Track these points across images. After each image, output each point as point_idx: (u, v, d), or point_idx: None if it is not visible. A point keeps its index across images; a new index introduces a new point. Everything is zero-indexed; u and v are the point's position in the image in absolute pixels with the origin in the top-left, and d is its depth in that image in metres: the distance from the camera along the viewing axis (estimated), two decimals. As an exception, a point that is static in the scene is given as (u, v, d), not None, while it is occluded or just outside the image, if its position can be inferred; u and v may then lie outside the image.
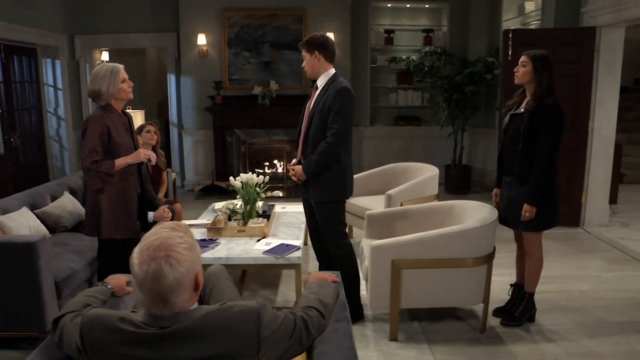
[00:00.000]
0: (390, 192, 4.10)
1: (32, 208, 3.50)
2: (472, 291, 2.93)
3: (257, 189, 3.49)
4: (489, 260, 2.92)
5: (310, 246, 3.79)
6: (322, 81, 2.99)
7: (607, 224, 5.08)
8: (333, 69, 3.01)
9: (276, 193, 3.85)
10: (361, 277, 3.14)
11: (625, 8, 4.28)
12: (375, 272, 2.85)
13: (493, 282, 3.05)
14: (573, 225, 5.00)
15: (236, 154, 6.95)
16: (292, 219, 3.79)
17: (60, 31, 6.44)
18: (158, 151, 4.28)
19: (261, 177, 3.54)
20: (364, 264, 3.09)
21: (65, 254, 3.10)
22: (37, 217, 3.44)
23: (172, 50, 6.88)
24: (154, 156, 2.98)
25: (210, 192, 6.59)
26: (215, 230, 3.35)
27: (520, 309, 3.10)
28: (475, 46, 6.83)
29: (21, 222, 3.15)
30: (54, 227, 3.57)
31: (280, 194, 3.87)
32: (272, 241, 3.21)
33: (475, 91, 6.27)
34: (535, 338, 2.96)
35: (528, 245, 3.05)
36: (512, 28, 5.62)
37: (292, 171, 3.06)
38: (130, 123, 2.94)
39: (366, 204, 4.30)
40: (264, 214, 3.67)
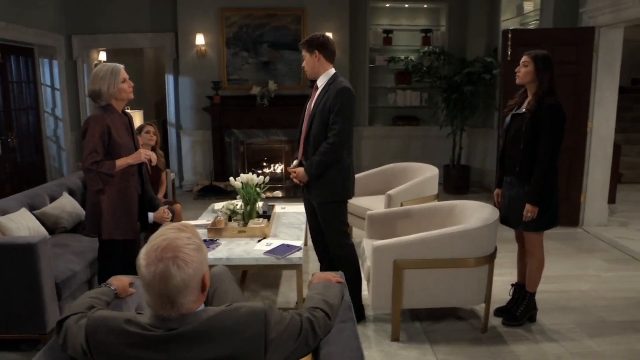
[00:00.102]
0: (391, 192, 4.10)
1: (31, 209, 3.48)
2: (473, 291, 2.93)
3: (257, 189, 3.47)
4: (490, 260, 2.93)
5: (310, 247, 3.79)
6: (322, 81, 2.98)
7: (606, 223, 5.10)
8: (333, 69, 3.00)
9: (276, 193, 3.84)
10: (363, 278, 3.14)
11: (624, 8, 4.29)
12: (377, 273, 2.85)
13: (494, 282, 3.05)
14: (572, 225, 5.01)
15: (235, 154, 6.94)
16: (292, 219, 3.78)
17: (58, 31, 6.41)
18: (157, 152, 4.26)
19: (261, 177, 3.53)
20: (366, 264, 3.09)
21: (65, 255, 3.08)
22: (37, 218, 3.41)
23: (170, 50, 6.86)
24: (154, 156, 2.96)
25: (208, 193, 6.57)
26: (215, 231, 3.33)
27: (522, 308, 3.11)
28: (474, 46, 6.84)
29: (21, 223, 3.13)
30: (53, 228, 3.55)
31: (280, 194, 3.85)
32: (273, 242, 3.20)
33: (474, 91, 6.27)
34: (536, 338, 2.96)
35: (529, 245, 3.05)
36: (511, 28, 5.63)
37: (294, 174, 3.04)
38: (131, 123, 2.93)
39: (366, 204, 4.29)
40: (264, 215, 3.65)
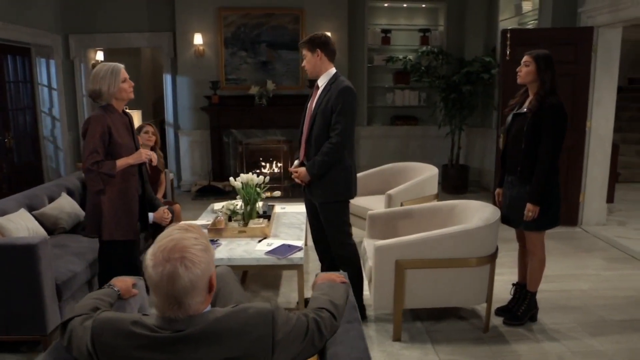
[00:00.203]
0: (391, 192, 4.09)
1: (30, 209, 3.46)
2: (475, 291, 2.93)
3: (258, 189, 3.46)
4: (492, 260, 2.93)
5: (309, 247, 3.78)
6: (323, 81, 2.96)
7: (605, 223, 5.11)
8: (334, 68, 2.99)
9: (276, 193, 3.83)
10: (364, 278, 3.13)
11: (622, 8, 4.30)
12: (379, 272, 2.84)
13: (495, 282, 3.05)
14: (571, 224, 5.02)
15: (233, 154, 6.93)
16: (292, 220, 3.77)
17: (55, 30, 6.37)
18: (157, 152, 4.24)
19: (261, 177, 3.52)
20: (367, 264, 3.08)
21: (65, 256, 3.06)
22: (36, 218, 3.39)
23: (168, 50, 6.84)
24: (155, 157, 2.95)
25: (206, 193, 6.56)
26: (215, 231, 3.32)
27: (523, 308, 3.11)
28: (472, 46, 6.85)
29: (20, 223, 3.10)
30: (52, 229, 3.52)
31: (279, 194, 3.85)
32: (274, 242, 3.19)
33: (473, 91, 6.27)
34: (538, 337, 2.97)
35: (530, 244, 3.05)
36: (509, 28, 5.64)
37: (296, 174, 3.03)
38: (131, 123, 2.91)
39: (366, 204, 4.29)
40: (264, 215, 3.65)
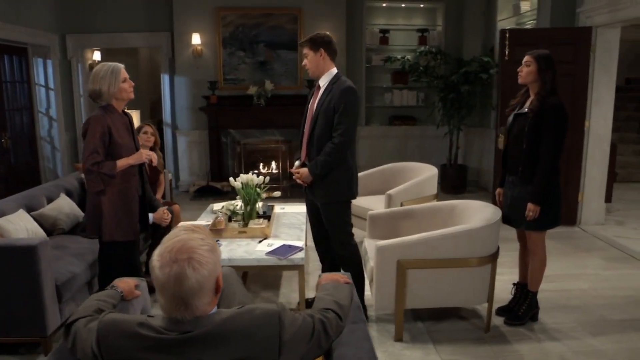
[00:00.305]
0: (391, 192, 4.09)
1: (29, 210, 3.43)
2: (476, 291, 2.93)
3: (258, 189, 3.45)
4: (493, 259, 2.93)
5: (309, 247, 3.77)
6: (324, 81, 2.95)
7: (603, 222, 5.12)
8: (335, 68, 2.98)
9: (276, 194, 3.82)
10: (366, 278, 3.13)
11: (621, 8, 4.31)
12: (380, 273, 2.84)
13: (495, 281, 3.05)
14: (570, 224, 5.03)
15: (231, 154, 6.91)
16: (292, 220, 3.76)
17: (52, 30, 6.34)
18: (157, 152, 4.23)
19: (261, 177, 3.51)
20: (369, 264, 3.07)
21: (64, 257, 3.04)
22: (34, 219, 3.37)
23: (165, 49, 6.81)
24: (155, 157, 2.94)
25: (205, 193, 6.53)
26: (216, 232, 3.30)
27: (524, 308, 3.11)
28: (470, 46, 6.86)
29: (19, 224, 3.08)
30: (51, 230, 3.50)
31: (279, 194, 3.84)
32: (274, 242, 3.18)
33: (471, 91, 6.28)
34: (539, 337, 2.97)
35: (531, 244, 3.05)
36: (508, 28, 5.65)
37: (297, 174, 3.02)
38: (131, 123, 2.90)
39: (366, 204, 4.28)
40: (264, 215, 3.64)
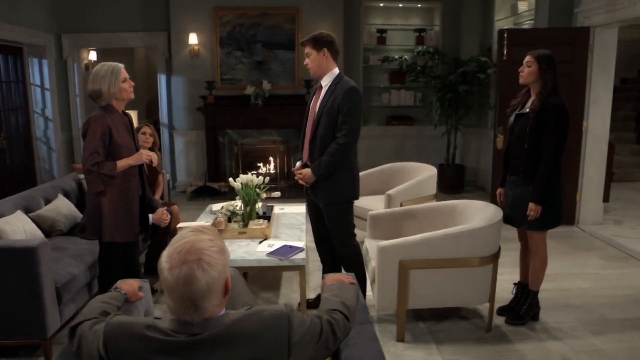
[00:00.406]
0: (391, 192, 4.09)
1: (26, 211, 3.39)
2: (478, 290, 2.93)
3: (257, 190, 3.44)
4: (494, 259, 2.93)
5: (309, 247, 3.75)
6: (327, 81, 2.94)
7: (601, 222, 5.14)
8: (337, 68, 2.97)
9: (276, 194, 3.80)
10: (367, 278, 3.12)
11: (619, 8, 4.33)
12: (382, 273, 2.83)
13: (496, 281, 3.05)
14: (568, 223, 5.04)
15: (228, 154, 6.89)
16: (292, 220, 3.74)
17: (48, 30, 6.29)
18: (156, 153, 4.20)
19: (261, 177, 3.49)
20: (370, 264, 3.06)
21: (64, 258, 3.01)
22: (32, 220, 3.34)
23: (162, 49, 6.77)
24: (155, 158, 2.92)
25: (202, 194, 6.51)
26: (216, 232, 3.28)
27: (525, 307, 3.11)
28: (468, 46, 6.86)
29: (17, 226, 3.05)
30: (49, 231, 3.47)
31: (279, 194, 3.83)
32: (275, 243, 3.16)
33: (469, 90, 6.29)
34: (540, 336, 2.97)
35: (533, 244, 3.05)
36: (506, 28, 5.66)
37: (300, 175, 3.00)
38: (131, 123, 2.88)
39: (365, 204, 4.27)
40: (264, 215, 3.62)
